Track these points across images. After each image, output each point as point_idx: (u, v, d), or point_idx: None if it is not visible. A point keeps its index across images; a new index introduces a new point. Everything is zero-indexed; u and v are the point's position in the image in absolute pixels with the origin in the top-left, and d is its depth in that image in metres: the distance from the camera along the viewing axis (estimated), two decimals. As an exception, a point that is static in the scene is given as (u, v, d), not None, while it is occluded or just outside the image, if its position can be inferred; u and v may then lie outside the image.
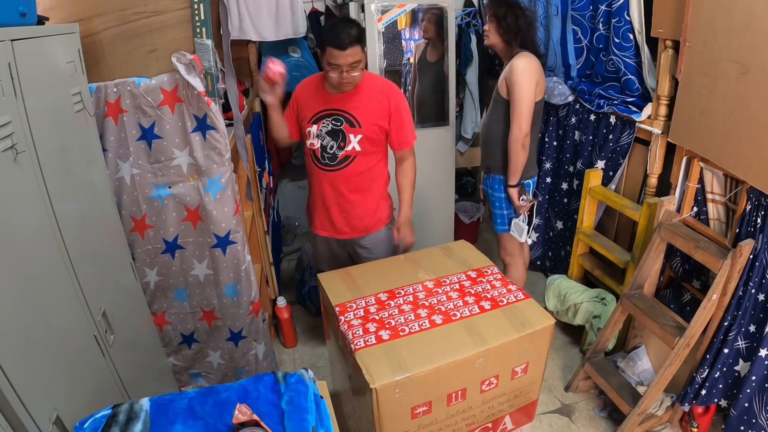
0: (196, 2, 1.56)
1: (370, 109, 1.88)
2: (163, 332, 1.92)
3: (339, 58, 1.69)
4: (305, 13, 2.56)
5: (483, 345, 1.30)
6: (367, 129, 1.88)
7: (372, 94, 1.88)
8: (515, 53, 2.02)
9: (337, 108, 1.87)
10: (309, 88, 1.95)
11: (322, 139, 1.90)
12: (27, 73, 1.06)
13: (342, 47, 1.67)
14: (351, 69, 1.73)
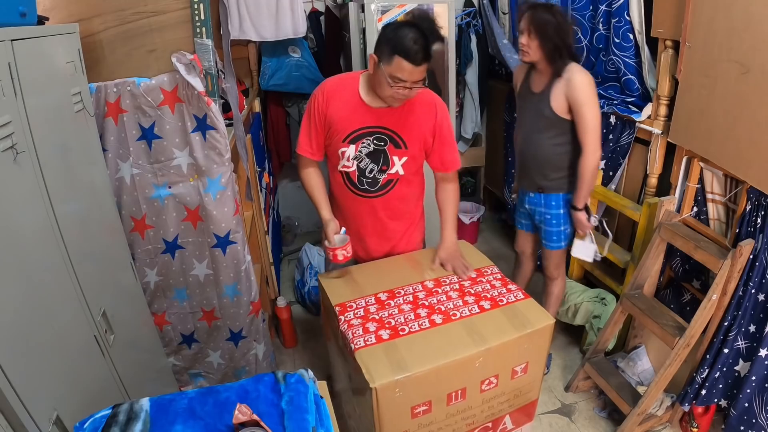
0: (196, 2, 1.56)
1: (417, 125, 1.63)
2: (163, 332, 1.92)
3: (408, 74, 1.42)
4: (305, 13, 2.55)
5: (483, 344, 1.30)
6: (413, 150, 1.64)
7: (418, 107, 1.61)
8: (564, 67, 1.81)
9: (381, 125, 1.59)
10: (341, 97, 1.59)
11: (360, 161, 1.62)
12: (27, 73, 1.06)
13: (417, 62, 1.41)
14: (415, 86, 1.47)
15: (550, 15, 1.76)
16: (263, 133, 2.99)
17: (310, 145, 1.66)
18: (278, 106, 3.12)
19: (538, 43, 1.78)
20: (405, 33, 1.41)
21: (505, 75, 3.34)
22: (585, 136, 1.84)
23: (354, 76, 1.63)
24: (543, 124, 1.93)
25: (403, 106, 1.58)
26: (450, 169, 1.73)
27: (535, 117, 1.94)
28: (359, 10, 2.54)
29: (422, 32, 1.41)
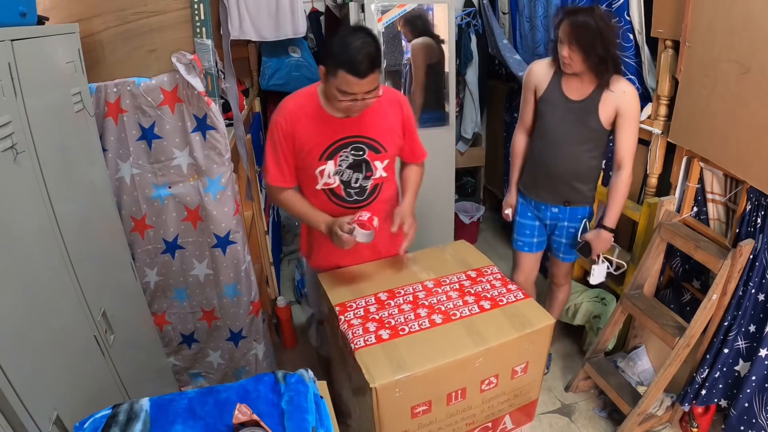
0: (196, 2, 1.56)
1: (388, 125, 1.58)
2: (163, 332, 1.92)
3: (355, 87, 1.34)
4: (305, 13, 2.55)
5: (483, 344, 1.30)
6: (391, 150, 1.61)
7: (386, 105, 1.56)
8: (611, 78, 1.70)
9: (355, 134, 1.53)
10: (305, 115, 1.50)
11: (342, 174, 1.56)
12: (27, 73, 1.06)
13: (361, 74, 1.32)
14: (367, 96, 1.40)
15: (592, 21, 1.59)
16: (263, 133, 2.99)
17: (282, 173, 1.56)
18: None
19: (581, 57, 1.64)
20: (348, 42, 1.31)
21: (505, 75, 3.34)
22: (627, 152, 1.77)
23: (311, 90, 1.54)
24: (584, 136, 1.80)
25: (371, 108, 1.50)
26: (421, 159, 1.75)
27: (575, 127, 1.79)
28: (359, 10, 2.54)
29: (366, 40, 1.32)
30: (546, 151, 1.88)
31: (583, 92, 1.75)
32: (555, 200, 1.94)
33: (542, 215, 2.00)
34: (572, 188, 1.89)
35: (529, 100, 1.92)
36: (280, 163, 1.54)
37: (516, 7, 2.89)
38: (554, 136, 1.84)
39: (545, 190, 1.94)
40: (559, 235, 2.01)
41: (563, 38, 1.66)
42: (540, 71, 1.86)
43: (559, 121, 1.81)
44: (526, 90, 1.91)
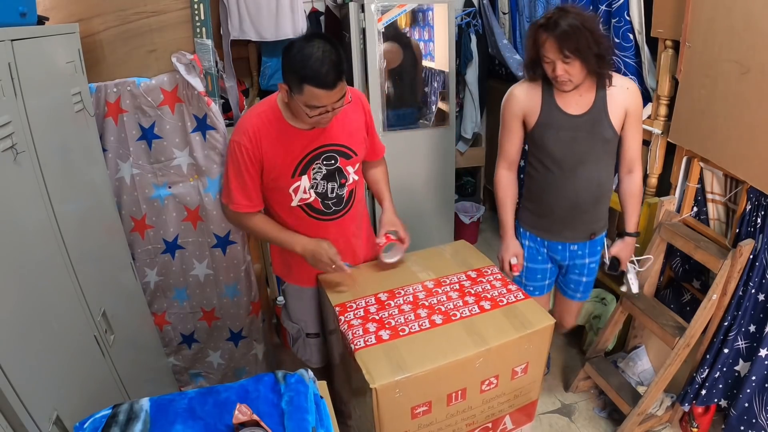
0: (196, 2, 1.56)
1: (355, 128, 1.53)
2: (163, 332, 1.92)
3: (325, 99, 1.28)
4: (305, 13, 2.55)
5: (483, 345, 1.30)
6: (361, 153, 1.57)
7: (348, 109, 1.48)
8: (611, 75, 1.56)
9: (325, 144, 1.47)
10: (270, 132, 1.41)
11: (317, 187, 1.50)
12: (27, 73, 1.06)
13: (329, 85, 1.25)
14: (337, 105, 1.32)
15: (574, 21, 1.42)
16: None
17: (249, 198, 1.48)
18: (278, 106, 3.11)
19: (580, 66, 1.45)
20: (308, 55, 1.23)
21: (505, 75, 3.34)
22: (638, 153, 1.63)
23: (270, 104, 1.44)
24: (600, 151, 1.59)
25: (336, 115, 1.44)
26: (381, 154, 1.73)
27: (588, 144, 1.57)
28: (359, 10, 2.54)
29: (326, 48, 1.24)
30: (562, 182, 1.61)
31: (585, 102, 1.56)
32: (579, 237, 1.70)
33: (558, 256, 1.75)
34: (597, 216, 1.69)
35: (514, 131, 1.66)
36: (247, 188, 1.46)
37: (516, 7, 2.89)
38: (568, 162, 1.59)
39: (568, 227, 1.69)
40: (579, 273, 1.79)
41: (550, 56, 1.45)
42: (524, 95, 1.60)
43: (569, 143, 1.57)
44: (511, 119, 1.64)
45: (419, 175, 2.88)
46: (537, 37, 1.47)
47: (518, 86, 1.64)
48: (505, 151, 1.74)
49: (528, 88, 1.60)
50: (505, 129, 1.69)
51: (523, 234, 1.80)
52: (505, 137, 1.70)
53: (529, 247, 1.79)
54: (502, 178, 1.79)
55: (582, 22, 1.42)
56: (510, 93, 1.65)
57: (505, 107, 1.65)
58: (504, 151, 1.74)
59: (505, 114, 1.66)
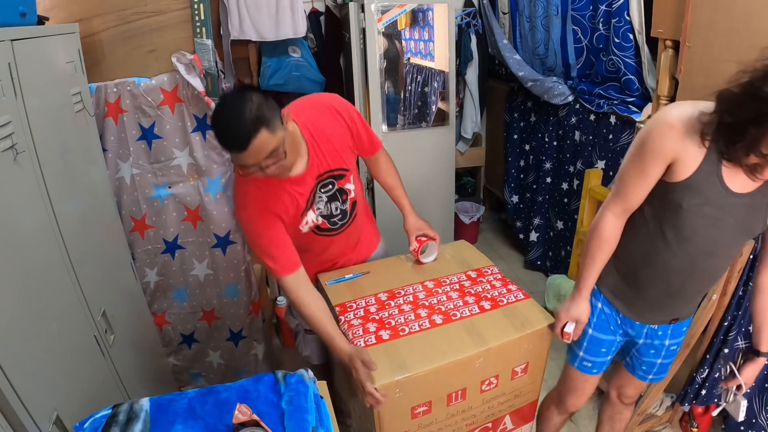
0: (196, 2, 1.56)
1: (339, 144, 1.45)
2: (163, 332, 1.92)
3: (247, 159, 1.17)
4: (305, 13, 2.55)
5: (483, 345, 1.30)
6: (352, 164, 1.54)
7: (325, 124, 1.42)
8: None
9: (317, 175, 1.42)
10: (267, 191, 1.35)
11: (322, 212, 1.49)
12: (27, 73, 1.06)
13: (241, 148, 1.14)
14: (270, 161, 1.20)
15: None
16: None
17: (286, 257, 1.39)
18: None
19: None
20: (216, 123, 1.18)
21: (505, 75, 3.34)
22: None
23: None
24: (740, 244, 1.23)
25: (314, 139, 1.38)
26: (378, 147, 1.63)
27: (733, 234, 1.17)
28: (359, 10, 2.54)
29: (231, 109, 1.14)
30: (674, 265, 1.23)
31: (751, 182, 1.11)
32: (660, 320, 1.37)
33: (633, 331, 1.40)
34: (692, 305, 1.38)
35: (650, 173, 1.14)
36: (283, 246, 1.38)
37: (516, 7, 2.89)
38: (695, 245, 1.19)
39: (653, 311, 1.35)
40: (655, 354, 1.43)
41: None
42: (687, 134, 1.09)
43: (708, 225, 1.15)
44: (653, 157, 1.12)
45: (419, 175, 2.88)
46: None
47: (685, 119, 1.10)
48: (624, 194, 1.22)
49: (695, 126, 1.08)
50: (639, 164, 1.15)
51: (596, 294, 1.40)
52: (633, 176, 1.17)
53: (601, 312, 1.40)
54: (607, 224, 1.26)
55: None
56: (669, 120, 1.10)
57: (652, 136, 1.12)
58: (624, 193, 1.22)
59: (646, 145, 1.13)
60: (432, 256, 1.68)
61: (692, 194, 1.12)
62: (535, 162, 3.06)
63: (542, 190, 2.96)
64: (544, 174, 2.92)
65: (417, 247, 1.65)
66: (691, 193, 1.12)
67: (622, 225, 1.28)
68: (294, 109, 1.35)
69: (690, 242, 1.18)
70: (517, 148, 3.24)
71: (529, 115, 3.08)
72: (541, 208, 3.00)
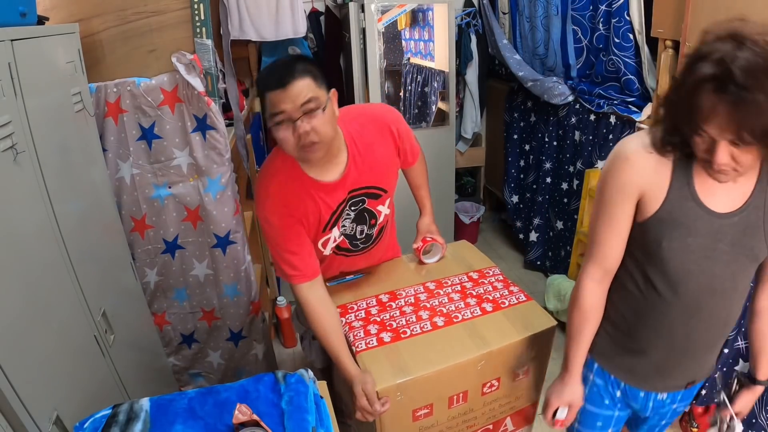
0: (196, 2, 1.56)
1: (384, 161, 1.35)
2: (163, 332, 1.92)
3: (281, 102, 1.10)
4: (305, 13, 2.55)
5: (485, 347, 1.30)
6: (392, 188, 1.42)
7: (376, 138, 1.33)
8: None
9: (351, 190, 1.32)
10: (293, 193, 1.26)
11: (346, 231, 1.41)
12: (27, 73, 1.06)
13: (280, 84, 1.09)
14: (307, 116, 1.11)
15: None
16: (263, 133, 2.99)
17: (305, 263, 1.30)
18: (278, 106, 3.11)
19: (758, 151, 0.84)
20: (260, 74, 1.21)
21: (505, 75, 3.34)
22: None
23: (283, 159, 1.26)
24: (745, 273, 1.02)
25: (357, 150, 1.29)
26: (417, 156, 1.55)
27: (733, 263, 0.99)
28: (359, 10, 2.54)
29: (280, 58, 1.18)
30: (674, 316, 1.04)
31: (739, 194, 0.97)
32: (673, 386, 1.15)
33: (637, 404, 1.19)
34: (709, 362, 1.16)
35: (620, 218, 1.02)
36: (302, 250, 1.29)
37: (516, 7, 2.89)
38: (691, 287, 1.00)
39: (663, 376, 1.14)
40: (659, 420, 1.26)
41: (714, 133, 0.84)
42: (647, 166, 0.97)
43: (700, 259, 0.98)
44: (618, 199, 1.00)
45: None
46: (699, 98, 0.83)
47: (637, 148, 0.98)
48: (599, 253, 1.06)
49: (653, 158, 0.98)
50: (604, 212, 1.03)
51: (590, 364, 1.20)
52: (603, 226, 1.04)
53: (594, 385, 1.21)
54: (588, 294, 1.10)
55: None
56: (621, 155, 0.99)
57: (609, 177, 1.00)
58: (598, 252, 1.06)
59: (607, 189, 1.01)
60: (435, 258, 1.68)
61: (670, 227, 0.98)
62: (535, 162, 3.06)
63: (542, 190, 2.96)
64: (544, 174, 2.92)
65: (421, 246, 1.65)
66: (668, 226, 0.98)
67: (606, 291, 1.11)
68: (342, 115, 1.26)
69: (684, 285, 1.00)
70: (517, 148, 3.24)
71: (529, 115, 3.08)
72: (541, 208, 3.00)
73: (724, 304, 1.03)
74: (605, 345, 1.18)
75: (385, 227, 1.51)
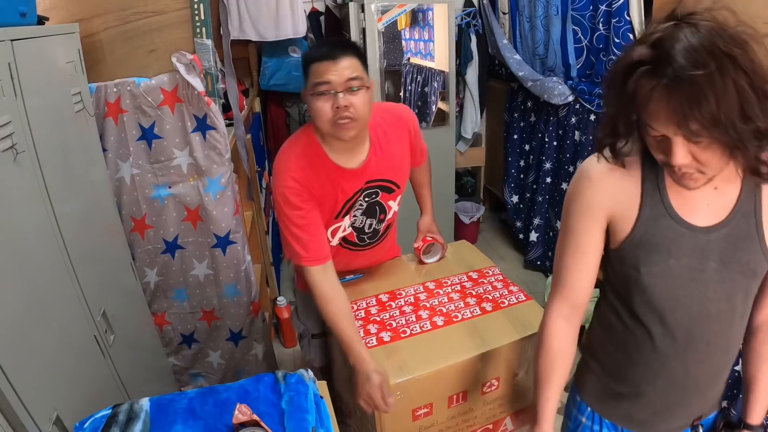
0: (196, 2, 1.56)
1: (399, 157, 1.41)
2: (163, 332, 1.92)
3: (329, 72, 1.15)
4: (305, 13, 2.55)
5: (484, 347, 1.30)
6: (404, 184, 1.47)
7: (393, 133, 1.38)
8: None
9: (368, 180, 1.36)
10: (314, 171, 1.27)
11: (354, 222, 1.44)
12: (27, 73, 1.06)
13: (331, 56, 1.16)
14: (349, 91, 1.16)
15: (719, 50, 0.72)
16: (263, 133, 2.99)
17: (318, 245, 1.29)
18: (278, 106, 3.12)
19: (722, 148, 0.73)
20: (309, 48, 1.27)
21: (505, 75, 3.34)
22: None
23: (308, 138, 1.29)
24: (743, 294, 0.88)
25: (379, 142, 1.34)
26: (425, 156, 1.60)
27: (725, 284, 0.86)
28: (359, 10, 2.54)
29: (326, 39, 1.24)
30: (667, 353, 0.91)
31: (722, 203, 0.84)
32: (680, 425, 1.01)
33: None
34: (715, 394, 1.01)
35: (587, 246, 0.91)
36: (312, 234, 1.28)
37: (516, 7, 2.89)
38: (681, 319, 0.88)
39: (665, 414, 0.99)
40: None
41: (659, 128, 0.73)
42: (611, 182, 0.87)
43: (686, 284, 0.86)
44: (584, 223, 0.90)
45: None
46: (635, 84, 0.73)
47: (600, 166, 0.88)
48: (565, 283, 0.96)
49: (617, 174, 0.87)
50: (569, 240, 0.93)
51: (581, 408, 1.08)
52: (568, 256, 0.93)
53: (586, 428, 1.08)
54: (554, 332, 0.97)
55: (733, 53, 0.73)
56: (583, 174, 0.90)
57: (571, 200, 0.91)
58: (563, 282, 0.96)
59: (571, 213, 0.92)
60: (435, 257, 1.68)
61: (647, 250, 0.85)
62: (535, 162, 3.06)
63: (542, 190, 2.96)
64: (544, 174, 2.92)
65: (421, 246, 1.65)
66: (645, 250, 0.86)
67: (576, 328, 0.98)
68: None
69: (672, 314, 0.88)
70: (517, 148, 3.24)
71: (529, 115, 3.08)
72: (541, 208, 3.00)
73: (722, 330, 0.89)
74: (596, 388, 1.05)
75: (390, 225, 1.55)
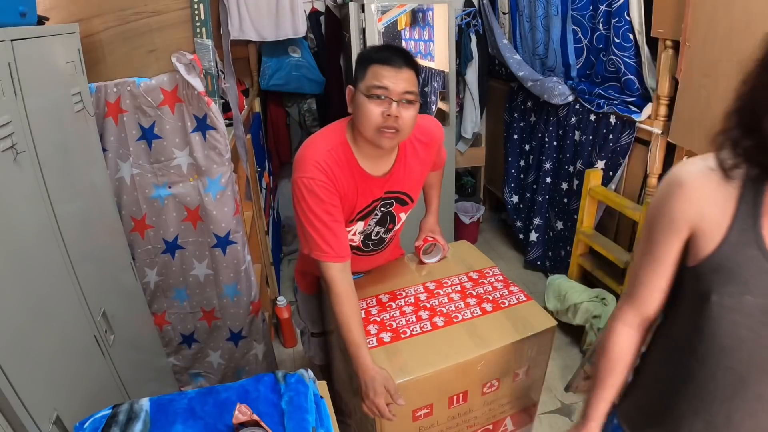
0: (196, 2, 1.56)
1: (419, 173, 1.42)
2: (163, 332, 1.92)
3: (389, 79, 1.15)
4: (305, 13, 2.55)
5: (485, 347, 1.30)
6: (417, 197, 1.49)
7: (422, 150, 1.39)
8: None
9: (389, 191, 1.36)
10: (343, 170, 1.25)
11: (368, 229, 1.44)
12: (27, 73, 1.06)
13: (396, 64, 1.15)
14: (402, 103, 1.17)
15: None
16: (263, 133, 2.99)
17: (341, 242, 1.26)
18: (278, 106, 3.12)
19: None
20: (375, 47, 1.24)
21: (505, 75, 3.34)
22: None
23: (340, 138, 1.27)
24: None
25: (406, 155, 1.34)
26: (443, 164, 1.64)
27: None
28: (359, 10, 2.53)
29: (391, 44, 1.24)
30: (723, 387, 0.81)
31: None
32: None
33: None
34: None
35: (661, 256, 0.84)
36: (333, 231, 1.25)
37: (516, 7, 2.89)
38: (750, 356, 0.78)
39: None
40: None
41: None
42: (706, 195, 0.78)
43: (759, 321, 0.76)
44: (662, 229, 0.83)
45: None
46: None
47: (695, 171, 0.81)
48: (636, 294, 0.91)
49: (713, 178, 0.79)
50: (648, 249, 0.87)
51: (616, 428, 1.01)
52: (646, 265, 0.88)
53: None
54: (618, 339, 0.94)
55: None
56: (674, 180, 0.81)
57: (657, 207, 0.84)
58: (637, 291, 0.91)
59: (654, 221, 0.84)
60: (435, 258, 1.68)
61: (724, 278, 0.76)
62: (535, 162, 3.06)
63: (542, 190, 2.96)
64: (544, 174, 2.92)
65: (422, 245, 1.65)
66: (722, 277, 0.76)
67: (639, 339, 0.94)
68: None
69: (731, 355, 0.79)
70: (517, 148, 3.24)
71: (529, 115, 3.08)
72: (541, 208, 3.00)
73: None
74: (633, 410, 0.99)
75: (395, 234, 1.57)
